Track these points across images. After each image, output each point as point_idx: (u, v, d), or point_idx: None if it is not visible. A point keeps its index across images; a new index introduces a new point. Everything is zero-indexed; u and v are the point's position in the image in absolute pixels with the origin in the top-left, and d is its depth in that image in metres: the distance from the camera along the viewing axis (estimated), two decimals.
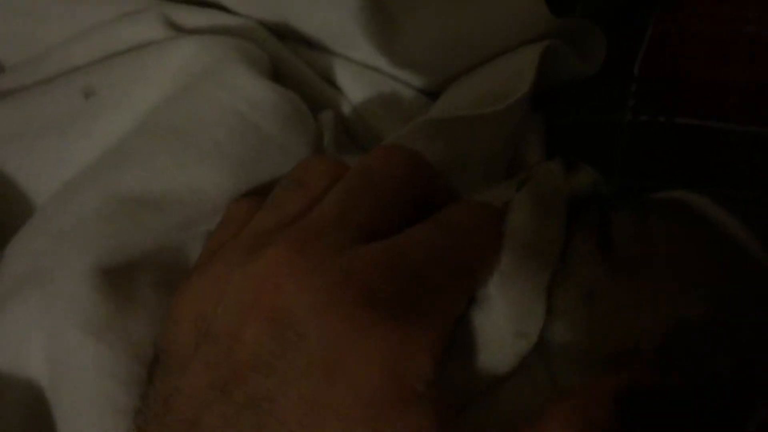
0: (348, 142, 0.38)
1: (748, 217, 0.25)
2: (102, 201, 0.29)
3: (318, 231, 0.24)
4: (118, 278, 0.28)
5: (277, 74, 0.37)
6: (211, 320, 0.24)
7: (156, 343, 0.27)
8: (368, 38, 0.35)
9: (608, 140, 0.35)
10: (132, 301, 0.28)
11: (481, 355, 0.24)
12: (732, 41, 0.35)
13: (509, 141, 0.36)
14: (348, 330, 0.22)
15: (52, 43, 0.37)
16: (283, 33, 0.38)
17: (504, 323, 0.24)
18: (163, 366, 0.26)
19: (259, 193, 0.29)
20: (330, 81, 0.38)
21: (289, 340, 0.22)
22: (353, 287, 0.22)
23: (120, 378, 0.26)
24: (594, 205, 0.26)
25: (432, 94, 0.38)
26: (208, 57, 0.32)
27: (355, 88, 0.37)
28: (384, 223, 0.25)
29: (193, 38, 0.34)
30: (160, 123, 0.31)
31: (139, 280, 0.28)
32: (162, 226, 0.30)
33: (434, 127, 0.33)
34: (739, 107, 0.33)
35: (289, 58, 0.37)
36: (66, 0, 0.37)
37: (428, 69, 0.36)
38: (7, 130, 0.34)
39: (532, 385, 0.24)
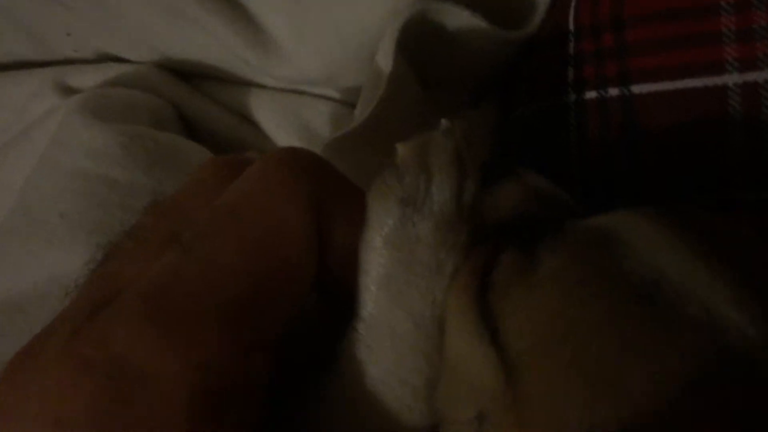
0: None
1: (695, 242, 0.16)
2: None
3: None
4: None
5: (184, 119, 0.34)
6: None
7: None
8: (251, 64, 0.31)
9: (558, 131, 0.26)
10: None
11: None
12: None
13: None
14: None
15: None
16: (189, 72, 0.34)
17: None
18: None
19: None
20: (247, 116, 0.34)
21: None
22: None
23: None
24: (481, 250, 0.19)
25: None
26: (55, 122, 0.29)
27: (270, 119, 0.33)
28: None
29: (61, 107, 0.30)
30: (15, 211, 0.28)
31: None
32: (29, 327, 0.26)
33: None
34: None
35: (192, 101, 0.33)
36: None
37: (329, 74, 0.31)
38: None
39: None
